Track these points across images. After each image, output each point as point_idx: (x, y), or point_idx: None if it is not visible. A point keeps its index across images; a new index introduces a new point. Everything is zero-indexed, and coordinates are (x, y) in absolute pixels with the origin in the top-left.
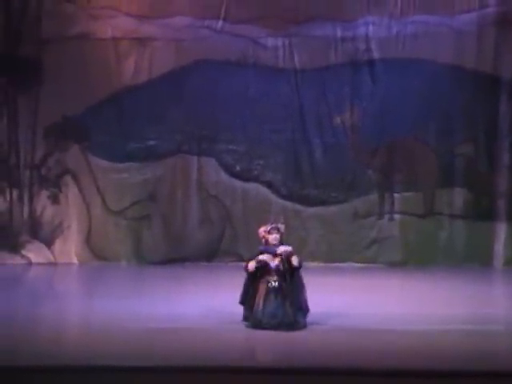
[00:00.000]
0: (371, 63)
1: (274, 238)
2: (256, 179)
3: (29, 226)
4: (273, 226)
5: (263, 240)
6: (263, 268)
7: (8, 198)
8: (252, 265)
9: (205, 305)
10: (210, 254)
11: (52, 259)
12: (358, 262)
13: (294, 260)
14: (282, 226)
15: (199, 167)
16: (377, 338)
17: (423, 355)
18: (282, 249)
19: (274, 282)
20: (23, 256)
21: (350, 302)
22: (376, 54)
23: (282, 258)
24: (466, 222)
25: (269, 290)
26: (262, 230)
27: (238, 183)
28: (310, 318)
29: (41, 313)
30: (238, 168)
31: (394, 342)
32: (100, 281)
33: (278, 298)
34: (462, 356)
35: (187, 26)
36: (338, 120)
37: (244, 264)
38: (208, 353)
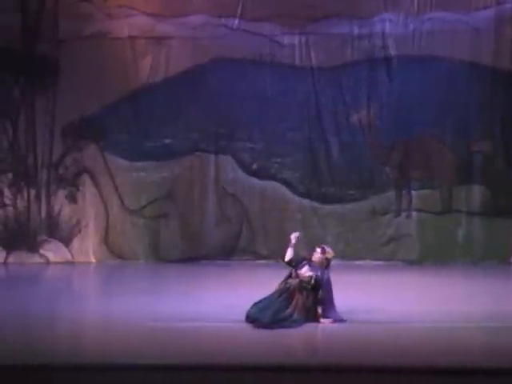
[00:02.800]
0: (388, 61)
1: (316, 257)
2: (273, 177)
3: (46, 226)
4: (323, 246)
5: (310, 254)
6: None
7: (26, 198)
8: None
9: (223, 303)
10: (228, 252)
11: (70, 258)
12: (375, 260)
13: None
14: (329, 252)
15: (216, 165)
16: (396, 334)
17: (442, 352)
18: (303, 271)
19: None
20: (41, 255)
21: (368, 299)
22: (393, 52)
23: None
24: (484, 219)
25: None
26: (317, 248)
27: (255, 181)
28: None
29: (59, 311)
30: (255, 166)
31: (410, 338)
32: (117, 279)
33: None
34: (482, 353)
35: (204, 24)
36: (354, 118)
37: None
38: (224, 351)
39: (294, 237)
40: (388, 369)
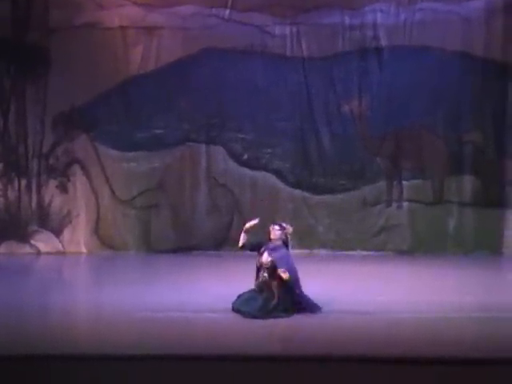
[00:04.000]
0: (379, 51)
1: (274, 234)
2: (264, 167)
3: (37, 216)
4: (280, 223)
5: (268, 233)
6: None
7: (16, 188)
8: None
9: (213, 293)
10: (219, 242)
11: (61, 248)
12: (366, 250)
13: (284, 276)
14: (288, 228)
15: (207, 156)
16: (383, 325)
17: (431, 342)
18: (264, 259)
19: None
20: (32, 245)
21: (358, 289)
22: (384, 42)
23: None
24: (475, 209)
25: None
26: (272, 224)
27: (246, 171)
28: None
29: (50, 302)
30: (246, 156)
31: (401, 329)
32: (109, 270)
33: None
34: (472, 343)
35: (194, 14)
36: (345, 108)
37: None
38: (214, 341)
39: (248, 224)
40: (377, 359)
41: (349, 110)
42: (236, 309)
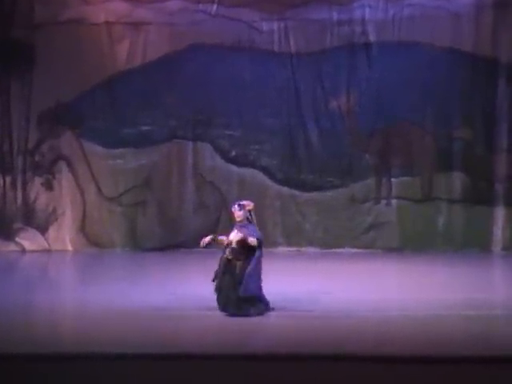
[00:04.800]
0: (368, 47)
1: (237, 215)
2: (252, 164)
3: (22, 213)
4: (239, 202)
5: (232, 216)
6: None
7: (1, 185)
8: (205, 240)
9: (200, 292)
10: None
11: (46, 246)
12: (354, 248)
13: (251, 241)
14: (248, 204)
15: (194, 152)
16: (372, 324)
17: (420, 341)
18: (231, 237)
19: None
20: (17, 243)
21: (346, 287)
22: (372, 38)
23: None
24: (465, 206)
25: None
26: (233, 207)
27: (233, 168)
28: (300, 302)
29: (35, 300)
30: (233, 153)
31: (390, 327)
32: (94, 268)
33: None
34: (462, 341)
35: (181, 9)
36: (334, 104)
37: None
38: (202, 340)
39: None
40: (366, 358)
41: (337, 106)
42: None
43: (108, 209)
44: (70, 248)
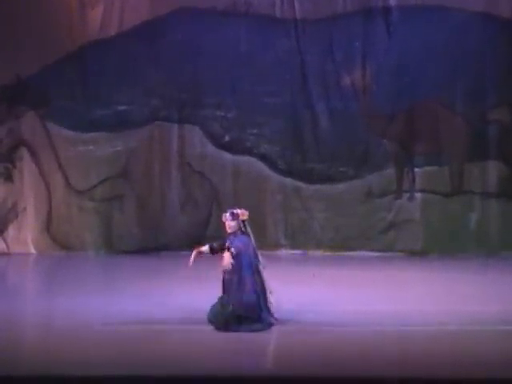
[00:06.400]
0: (387, 12)
1: (228, 225)
2: (249, 151)
3: None
4: (232, 210)
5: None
6: None
7: None
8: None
9: (185, 303)
10: (194, 241)
11: (5, 249)
12: (371, 251)
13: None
14: (243, 213)
15: (180, 137)
16: (391, 340)
17: (448, 361)
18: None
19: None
20: None
21: (361, 298)
22: (393, 1)
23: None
24: (501, 201)
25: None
26: (224, 216)
27: (227, 156)
28: (301, 315)
29: None
30: (227, 138)
31: (412, 344)
32: (62, 274)
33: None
34: (497, 362)
35: None
36: (346, 80)
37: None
38: (187, 359)
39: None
40: (383, 381)
41: (350, 82)
42: (209, 320)
43: (78, 204)
44: (32, 250)
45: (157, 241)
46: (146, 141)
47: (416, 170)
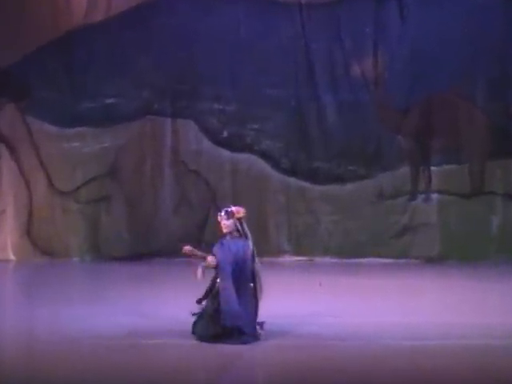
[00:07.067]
0: None
1: (223, 225)
2: (249, 148)
3: None
4: (226, 209)
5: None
6: None
7: None
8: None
9: (180, 314)
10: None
11: None
12: (382, 257)
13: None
14: (238, 211)
15: (174, 132)
16: (404, 356)
17: (470, 379)
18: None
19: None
20: None
21: (371, 308)
22: None
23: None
24: None
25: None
26: (219, 215)
27: (225, 153)
28: (304, 328)
29: None
30: (225, 134)
31: (428, 361)
32: (44, 283)
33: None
34: None
35: None
36: (356, 70)
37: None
38: (179, 375)
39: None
40: None
41: (361, 72)
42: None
43: (62, 206)
44: (11, 257)
45: (148, 246)
46: (137, 136)
47: (432, 168)
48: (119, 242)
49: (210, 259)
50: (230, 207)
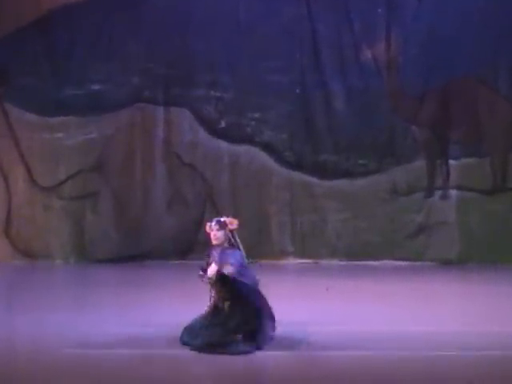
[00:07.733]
0: None
1: (213, 236)
2: (249, 140)
3: None
4: (218, 219)
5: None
6: None
7: None
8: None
9: (171, 322)
10: (183, 247)
11: None
12: (397, 259)
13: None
14: (231, 222)
15: (167, 122)
16: (419, 367)
17: None
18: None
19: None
20: None
21: (383, 315)
22: None
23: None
24: None
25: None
26: (209, 225)
27: (223, 145)
28: (309, 337)
29: None
30: (223, 124)
31: (447, 371)
32: (24, 287)
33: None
34: None
35: None
36: (367, 54)
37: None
38: None
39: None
40: None
41: (372, 56)
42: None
43: (43, 203)
44: None
45: (138, 247)
46: (126, 126)
47: (451, 162)
48: (106, 243)
49: (212, 272)
50: (222, 217)
